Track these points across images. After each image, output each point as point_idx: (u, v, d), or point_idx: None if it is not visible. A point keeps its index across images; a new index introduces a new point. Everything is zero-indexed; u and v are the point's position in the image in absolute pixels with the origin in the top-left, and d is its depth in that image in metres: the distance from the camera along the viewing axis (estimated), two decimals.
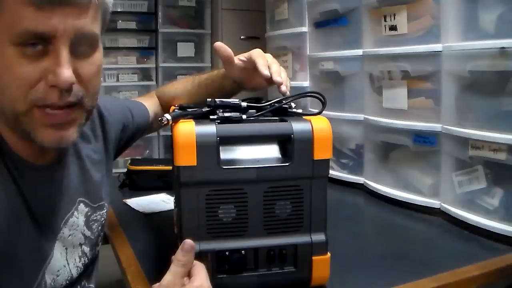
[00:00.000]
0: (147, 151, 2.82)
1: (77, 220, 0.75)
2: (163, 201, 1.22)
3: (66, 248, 0.72)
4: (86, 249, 0.78)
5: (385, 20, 1.19)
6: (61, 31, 0.55)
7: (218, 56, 0.88)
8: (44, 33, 0.55)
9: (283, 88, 0.78)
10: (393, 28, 1.18)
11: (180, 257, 0.62)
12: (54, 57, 0.56)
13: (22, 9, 0.53)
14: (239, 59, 0.87)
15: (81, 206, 0.76)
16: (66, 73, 0.56)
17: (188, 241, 0.62)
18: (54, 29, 0.55)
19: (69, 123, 0.61)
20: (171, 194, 1.23)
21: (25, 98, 0.57)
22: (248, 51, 0.87)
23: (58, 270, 0.70)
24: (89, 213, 0.78)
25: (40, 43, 0.55)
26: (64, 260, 0.72)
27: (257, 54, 0.84)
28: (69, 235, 0.73)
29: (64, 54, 0.56)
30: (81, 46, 0.59)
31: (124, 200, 1.22)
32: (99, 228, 0.82)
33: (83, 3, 0.57)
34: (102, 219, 0.83)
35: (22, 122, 0.59)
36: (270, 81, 0.80)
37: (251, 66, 0.84)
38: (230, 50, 0.86)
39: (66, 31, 0.56)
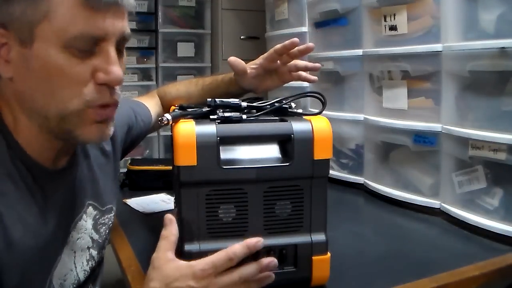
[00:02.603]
0: (147, 151, 2.81)
1: (86, 224, 0.74)
2: (163, 201, 1.22)
3: (74, 252, 0.72)
4: (94, 252, 0.77)
5: (385, 20, 1.19)
6: (111, 33, 0.58)
7: (232, 70, 0.90)
8: (98, 36, 0.57)
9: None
10: (393, 28, 1.18)
11: (162, 231, 0.64)
12: (104, 56, 0.59)
13: (78, 13, 0.55)
14: (250, 68, 0.90)
15: (90, 209, 0.76)
16: (119, 71, 0.59)
17: (167, 215, 0.65)
18: (106, 31, 0.58)
19: (110, 120, 0.64)
20: (171, 194, 1.23)
21: (79, 98, 0.59)
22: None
23: (65, 275, 0.70)
24: (97, 216, 0.78)
25: (90, 44, 0.58)
26: (71, 264, 0.71)
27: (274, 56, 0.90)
28: (78, 238, 0.72)
29: (113, 53, 0.59)
30: (120, 46, 0.62)
31: (124, 200, 1.22)
32: (107, 231, 0.82)
33: (125, 7, 0.60)
34: (110, 222, 0.83)
35: (70, 121, 0.60)
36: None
37: (263, 71, 0.91)
38: (243, 63, 0.90)
39: (114, 33, 0.59)
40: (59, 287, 0.68)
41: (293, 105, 0.78)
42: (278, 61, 0.92)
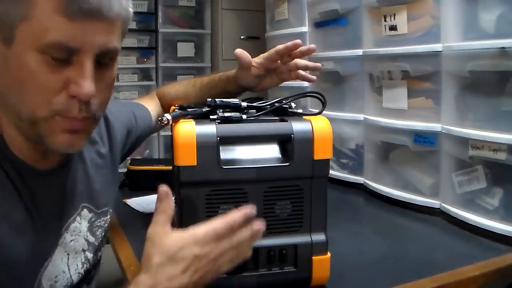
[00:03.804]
0: (147, 151, 2.81)
1: (80, 226, 0.74)
2: None
3: (68, 254, 0.72)
4: (89, 255, 0.77)
5: (385, 20, 1.19)
6: (89, 45, 0.56)
7: (238, 62, 0.90)
8: (74, 47, 0.55)
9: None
10: (393, 28, 1.18)
11: (157, 205, 0.61)
12: (78, 68, 0.57)
13: (54, 19, 0.53)
14: (252, 65, 0.90)
15: (85, 211, 0.75)
16: (89, 86, 0.57)
17: (161, 187, 0.61)
18: (83, 43, 0.55)
19: (83, 131, 0.62)
20: None
21: (48, 106, 0.57)
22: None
23: (56, 276, 0.69)
24: (93, 219, 0.77)
25: (65, 54, 0.56)
26: (64, 266, 0.71)
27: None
28: (71, 240, 0.72)
29: (89, 66, 0.57)
30: (103, 59, 0.60)
31: (124, 200, 1.22)
32: (103, 234, 0.81)
33: (112, 19, 0.57)
34: (106, 225, 0.82)
35: (40, 127, 0.59)
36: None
37: (263, 71, 0.90)
38: (250, 57, 0.90)
39: (92, 46, 0.56)
40: None
41: (293, 105, 0.78)
42: (279, 61, 0.92)
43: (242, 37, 2.72)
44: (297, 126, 0.69)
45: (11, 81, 0.57)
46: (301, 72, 0.94)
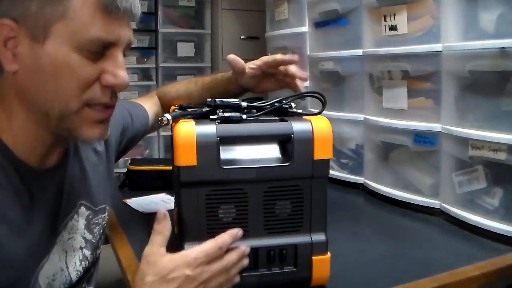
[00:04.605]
0: (147, 151, 2.82)
1: (77, 223, 0.74)
2: (163, 201, 1.22)
3: (66, 252, 0.72)
4: (87, 252, 0.77)
5: (385, 20, 1.19)
6: (122, 39, 0.62)
7: (231, 68, 0.90)
8: (111, 41, 0.60)
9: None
10: (393, 28, 1.18)
11: (155, 226, 0.65)
12: (113, 60, 0.61)
13: (97, 17, 0.57)
14: (249, 67, 0.91)
15: (82, 209, 0.76)
16: (126, 75, 0.62)
17: (160, 211, 0.66)
18: (119, 37, 0.61)
19: (107, 120, 0.66)
20: (171, 194, 1.22)
21: (80, 98, 0.60)
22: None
23: (54, 274, 0.69)
24: (90, 216, 0.78)
25: (101, 48, 0.60)
26: (62, 264, 0.71)
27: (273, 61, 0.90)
28: (69, 238, 0.72)
29: (121, 59, 0.62)
30: (124, 52, 0.65)
31: (124, 200, 1.22)
32: (101, 231, 0.81)
33: (135, 17, 0.63)
34: (104, 222, 0.83)
35: (71, 120, 0.61)
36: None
37: (261, 73, 0.91)
38: (242, 61, 0.91)
39: (124, 40, 0.62)
40: (46, 286, 0.67)
41: (293, 105, 0.78)
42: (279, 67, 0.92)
43: (242, 37, 2.72)
44: (297, 126, 0.69)
45: (43, 78, 0.59)
46: (291, 81, 0.93)
